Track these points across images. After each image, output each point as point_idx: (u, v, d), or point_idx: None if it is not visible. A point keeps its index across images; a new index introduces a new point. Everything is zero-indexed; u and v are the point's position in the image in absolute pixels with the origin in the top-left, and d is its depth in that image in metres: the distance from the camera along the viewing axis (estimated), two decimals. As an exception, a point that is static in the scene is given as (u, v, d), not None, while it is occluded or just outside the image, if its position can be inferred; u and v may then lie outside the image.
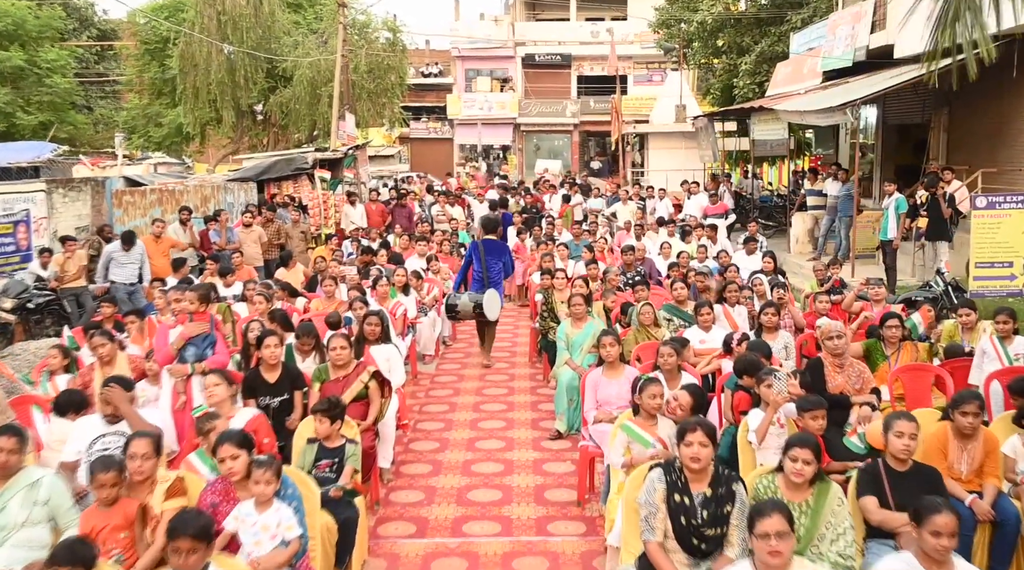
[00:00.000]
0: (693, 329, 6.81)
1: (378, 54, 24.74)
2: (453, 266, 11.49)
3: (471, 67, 36.32)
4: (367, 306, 7.12)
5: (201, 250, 12.05)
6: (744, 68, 20.62)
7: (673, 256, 11.20)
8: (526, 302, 12.15)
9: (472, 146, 36.00)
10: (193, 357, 5.70)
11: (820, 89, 14.61)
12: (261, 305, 7.38)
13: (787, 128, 14.48)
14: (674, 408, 4.76)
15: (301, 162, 14.92)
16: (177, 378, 5.64)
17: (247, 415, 4.91)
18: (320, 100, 23.77)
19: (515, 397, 7.92)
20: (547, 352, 8.22)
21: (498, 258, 8.98)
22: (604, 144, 36.78)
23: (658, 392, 4.61)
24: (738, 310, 7.44)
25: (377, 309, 6.64)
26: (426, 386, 8.35)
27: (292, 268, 10.85)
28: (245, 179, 14.57)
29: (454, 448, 6.63)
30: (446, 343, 9.98)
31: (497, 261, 8.95)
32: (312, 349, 6.27)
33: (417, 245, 11.08)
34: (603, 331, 5.84)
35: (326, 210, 14.76)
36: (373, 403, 5.63)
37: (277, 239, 12.79)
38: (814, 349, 6.69)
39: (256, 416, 4.94)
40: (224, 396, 4.90)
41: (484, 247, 8.93)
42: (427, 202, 17.65)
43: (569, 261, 10.73)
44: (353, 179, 17.24)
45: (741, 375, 5.15)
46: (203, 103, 24.41)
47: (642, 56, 33.53)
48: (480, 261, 8.87)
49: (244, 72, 23.98)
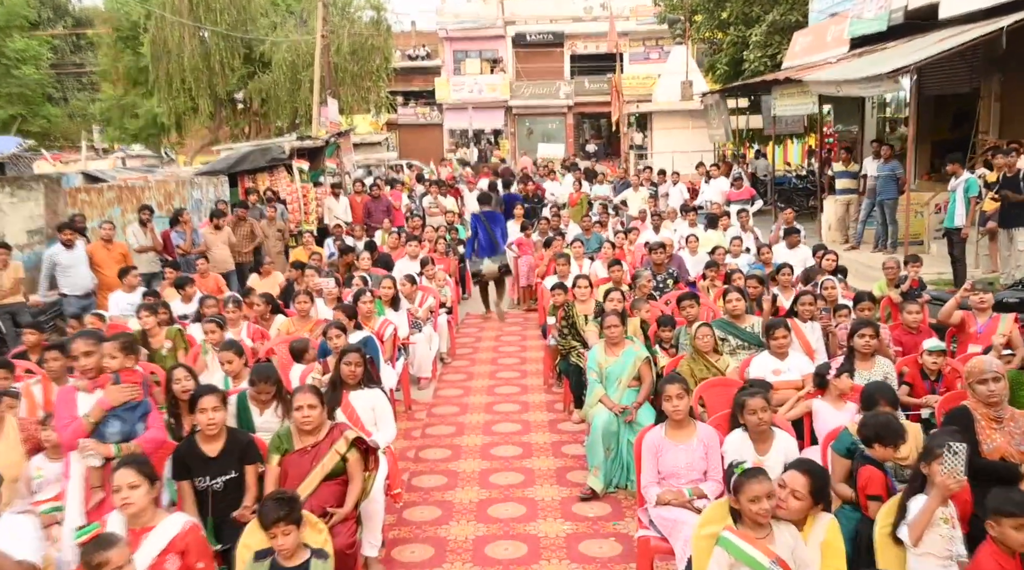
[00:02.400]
0: (763, 357, 5.24)
1: (361, 34, 22.92)
2: (449, 268, 9.88)
3: (459, 48, 34.47)
4: (344, 335, 5.52)
5: (164, 254, 10.42)
6: (754, 40, 18.94)
7: (703, 250, 9.65)
8: (533, 306, 10.57)
9: (463, 131, 34.21)
10: (119, 435, 3.98)
11: (854, 57, 12.99)
12: (213, 334, 5.79)
13: (817, 102, 12.92)
14: (784, 499, 3.22)
15: (277, 152, 13.24)
16: (92, 464, 3.91)
17: (171, 529, 3.33)
18: (301, 85, 22.00)
19: (532, 436, 6.36)
20: (568, 377, 6.66)
21: (497, 226, 10.21)
22: (599, 126, 35.10)
23: (766, 492, 3.05)
24: (811, 327, 5.88)
25: (356, 346, 5.04)
26: (422, 422, 6.77)
27: (267, 275, 9.24)
28: (215, 172, 12.87)
29: (460, 516, 5.07)
30: (444, 360, 8.41)
31: (497, 228, 10.19)
32: (273, 398, 4.69)
33: (408, 246, 9.45)
34: (668, 378, 4.26)
35: (306, 205, 13.10)
36: (353, 482, 4.06)
37: (251, 240, 11.16)
38: (919, 380, 5.15)
39: (185, 530, 3.36)
40: (143, 504, 3.31)
41: (486, 217, 10.17)
42: (417, 192, 15.99)
43: (585, 261, 9.14)
44: (336, 169, 15.54)
45: (871, 442, 3.60)
46: (177, 91, 22.63)
47: (638, 32, 31.73)
48: (486, 229, 10.10)
49: (219, 57, 22.21)
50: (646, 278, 7.29)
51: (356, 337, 5.93)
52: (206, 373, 5.60)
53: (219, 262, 10.33)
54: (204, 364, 5.77)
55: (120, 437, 3.94)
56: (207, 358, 5.82)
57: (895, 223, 11.32)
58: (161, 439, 4.06)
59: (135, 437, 3.95)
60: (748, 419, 3.97)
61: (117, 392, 4.03)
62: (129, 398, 4.04)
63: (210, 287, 9.27)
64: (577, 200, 14.57)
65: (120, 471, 3.25)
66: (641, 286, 7.23)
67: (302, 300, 6.62)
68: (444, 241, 10.11)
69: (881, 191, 11.26)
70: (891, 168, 11.19)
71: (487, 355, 8.67)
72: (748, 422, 3.98)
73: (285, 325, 6.71)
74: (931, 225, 11.97)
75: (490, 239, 10.07)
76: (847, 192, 12.39)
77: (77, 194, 11.34)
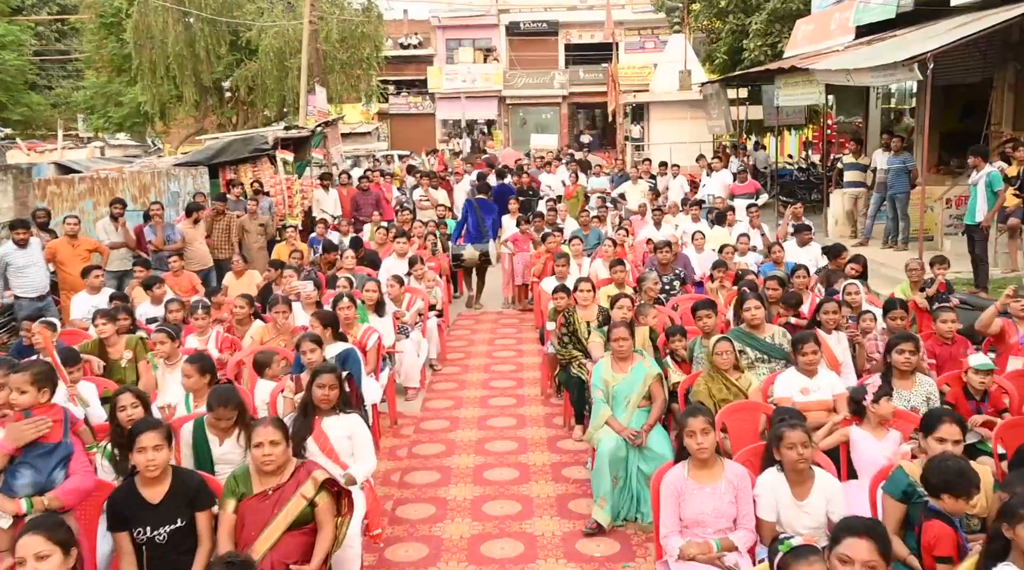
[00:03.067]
0: (789, 374, 4.62)
1: (351, 21, 22.11)
2: (440, 267, 9.25)
3: (452, 37, 33.64)
4: (320, 349, 4.88)
5: (138, 250, 9.74)
6: (754, 28, 18.27)
7: (708, 248, 9.05)
8: (528, 306, 9.96)
9: (455, 121, 33.45)
10: (31, 487, 3.32)
11: (862, 45, 12.36)
12: (163, 346, 5.14)
13: (823, 92, 12.31)
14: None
15: (260, 142, 12.54)
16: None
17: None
18: (289, 73, 21.18)
19: (530, 456, 5.74)
20: (568, 389, 6.04)
21: (488, 215, 10.23)
22: (594, 116, 34.41)
23: None
24: (836, 338, 5.27)
25: (332, 365, 4.39)
26: (409, 439, 6.15)
27: (242, 274, 8.59)
28: (194, 163, 12.15)
29: (449, 554, 4.46)
30: (434, 367, 7.78)
31: (488, 217, 10.19)
32: (235, 425, 4.07)
33: (396, 243, 8.78)
34: (691, 410, 3.62)
35: (290, 197, 12.41)
36: (323, 530, 3.44)
37: (229, 236, 10.49)
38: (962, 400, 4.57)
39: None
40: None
41: (479, 205, 10.17)
42: (408, 185, 15.31)
43: (584, 259, 8.52)
44: (322, 160, 14.83)
45: (940, 492, 3.00)
46: (161, 79, 21.79)
47: (634, 22, 30.99)
48: (476, 216, 10.19)
49: (205, 44, 21.37)
50: (652, 280, 6.67)
51: (335, 349, 5.30)
52: (159, 392, 4.97)
53: (196, 259, 9.67)
54: (153, 381, 5.13)
55: (32, 489, 3.28)
56: (157, 374, 5.17)
57: (907, 218, 10.74)
58: (87, 487, 3.41)
59: (52, 488, 3.30)
60: (786, 455, 3.36)
61: (19, 430, 3.35)
62: (37, 436, 3.37)
63: (184, 286, 8.62)
64: (573, 193, 13.94)
65: (24, 539, 2.62)
66: (647, 289, 6.61)
67: (278, 309, 5.97)
68: (434, 237, 9.45)
69: (892, 185, 10.67)
70: (902, 161, 10.60)
71: (480, 361, 8.06)
72: (786, 458, 3.38)
73: (259, 333, 6.06)
74: (943, 221, 11.42)
75: (479, 227, 10.21)
76: (855, 185, 11.79)
77: (47, 186, 10.66)
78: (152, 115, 22.66)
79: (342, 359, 5.23)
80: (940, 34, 10.46)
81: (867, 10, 13.41)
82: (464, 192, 13.68)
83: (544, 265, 8.88)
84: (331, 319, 5.41)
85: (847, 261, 7.33)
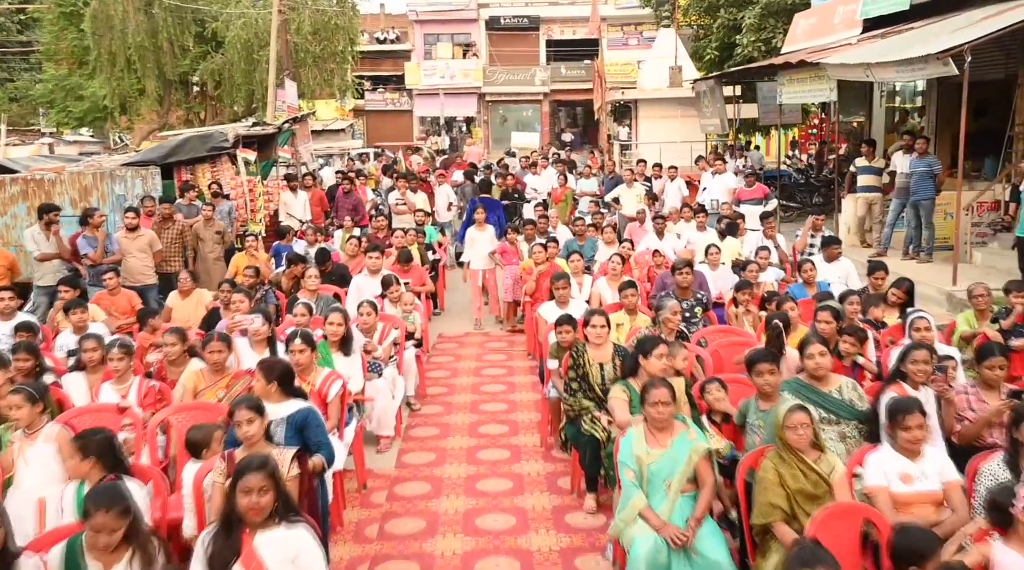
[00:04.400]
0: (883, 454, 3.44)
1: (325, 12, 20.66)
2: (419, 281, 7.96)
3: (430, 32, 32.24)
4: (260, 419, 3.59)
5: (74, 262, 8.37)
6: (748, 23, 17.18)
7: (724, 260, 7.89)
8: (519, 325, 8.73)
9: (433, 118, 32.07)
10: None
11: (876, 38, 11.27)
12: (18, 411, 3.83)
13: (835, 88, 11.23)
14: None
15: (219, 140, 11.15)
16: None
17: None
18: (258, 66, 19.72)
19: (532, 538, 4.50)
20: (578, 448, 4.80)
21: (492, 212, 9.90)
22: (576, 114, 33.25)
23: None
24: (925, 395, 4.11)
25: (262, 458, 3.10)
26: (380, 509, 4.88)
27: (188, 295, 7.27)
28: (145, 163, 10.73)
29: None
30: (412, 407, 6.51)
31: (492, 214, 9.84)
32: (124, 543, 2.80)
33: (368, 258, 7.49)
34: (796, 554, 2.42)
35: (252, 201, 11.05)
36: None
37: (181, 246, 9.14)
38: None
39: None
40: None
41: (483, 203, 9.66)
42: (384, 186, 14.00)
43: (584, 278, 7.29)
44: (290, 159, 13.46)
45: None
46: (122, 71, 20.21)
47: (616, 18, 29.80)
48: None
49: (168, 34, 19.85)
50: (672, 309, 5.44)
51: (286, 409, 4.02)
52: (16, 475, 3.68)
53: (135, 274, 8.33)
54: (9, 462, 3.80)
55: None
56: (15, 449, 3.84)
57: (931, 227, 9.69)
58: None
59: None
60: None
61: None
62: None
63: (123, 308, 7.30)
64: (562, 196, 12.74)
65: None
66: (666, 320, 5.40)
67: (213, 350, 4.67)
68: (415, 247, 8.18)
69: (915, 190, 9.59)
70: (927, 164, 9.52)
71: (465, 397, 6.80)
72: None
73: (192, 380, 4.75)
74: (966, 229, 10.39)
75: None
76: (870, 190, 10.70)
77: (-26, 189, 9.25)
78: (112, 110, 21.02)
79: (297, 423, 3.97)
80: (964, 27, 9.40)
81: (876, 2, 12.36)
82: (445, 195, 12.41)
83: (537, 283, 7.67)
84: (281, 372, 4.11)
85: (889, 285, 6.18)
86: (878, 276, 6.50)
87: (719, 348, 5.32)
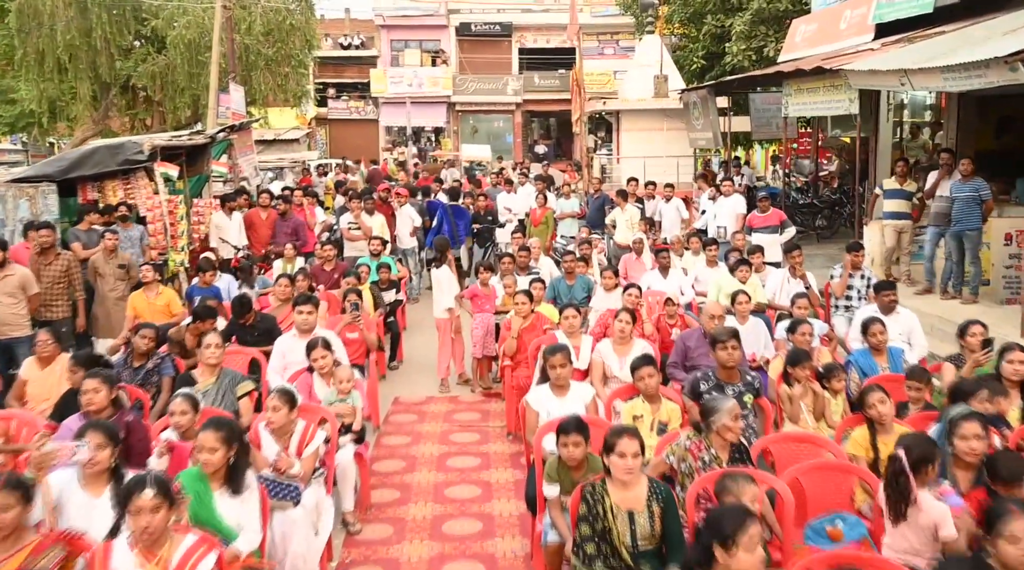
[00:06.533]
0: None
1: (278, 11, 18.67)
2: (371, 331, 6.09)
3: (398, 38, 30.35)
4: None
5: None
6: (737, 31, 15.69)
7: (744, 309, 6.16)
8: (493, 387, 6.92)
9: (400, 128, 30.12)
10: None
11: (903, 42, 9.73)
12: None
13: (856, 99, 9.69)
14: None
15: (132, 151, 9.16)
16: None
17: None
18: (204, 69, 17.62)
19: None
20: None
21: (459, 219, 10.22)
22: (549, 126, 31.63)
23: None
24: None
25: None
26: None
27: (50, 361, 5.33)
28: (37, 179, 8.71)
29: None
30: (350, 529, 4.59)
31: (460, 222, 10.18)
32: None
33: (298, 314, 5.56)
34: None
35: (173, 225, 9.06)
36: None
37: (63, 284, 7.13)
38: None
39: None
40: None
41: (452, 210, 10.08)
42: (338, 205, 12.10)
43: (584, 339, 5.49)
44: (228, 174, 11.48)
45: None
46: (50, 72, 18.00)
47: (592, 26, 28.22)
48: (450, 222, 10.06)
49: (103, 32, 17.67)
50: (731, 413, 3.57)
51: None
52: None
53: (0, 325, 6.33)
54: None
55: None
56: None
57: (978, 261, 8.14)
58: None
59: None
60: None
61: None
62: None
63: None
64: (542, 218, 10.97)
65: None
66: (723, 429, 3.60)
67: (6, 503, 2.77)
68: (357, 299, 6.28)
69: (959, 219, 8.02)
70: (974, 188, 7.96)
71: (426, 509, 4.91)
72: None
73: None
74: (1001, 261, 8.90)
75: (452, 232, 9.94)
76: (899, 217, 9.12)
77: None
78: (40, 114, 18.76)
79: None
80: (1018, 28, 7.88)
81: (893, 6, 10.86)
82: (408, 217, 10.56)
83: (519, 342, 5.86)
84: None
85: (998, 352, 4.52)
86: (973, 333, 4.84)
87: (799, 476, 3.54)
